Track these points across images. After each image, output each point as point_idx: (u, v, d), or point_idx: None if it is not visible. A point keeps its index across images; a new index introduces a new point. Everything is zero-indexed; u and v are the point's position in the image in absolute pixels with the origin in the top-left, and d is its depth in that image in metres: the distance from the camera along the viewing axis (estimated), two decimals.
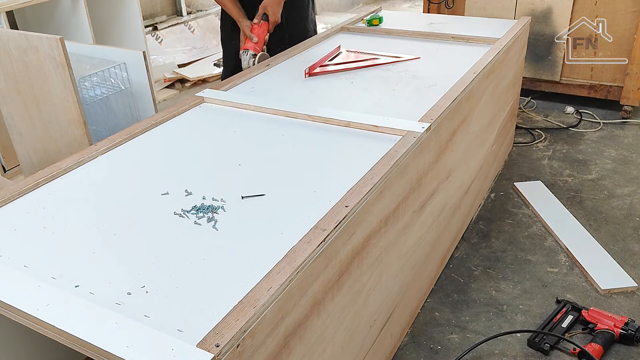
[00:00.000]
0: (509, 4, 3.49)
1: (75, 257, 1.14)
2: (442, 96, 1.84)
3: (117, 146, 1.60)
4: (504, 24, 2.72)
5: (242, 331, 0.92)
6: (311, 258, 1.10)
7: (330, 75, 2.14)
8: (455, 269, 2.19)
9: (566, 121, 3.43)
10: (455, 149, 1.96)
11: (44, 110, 2.16)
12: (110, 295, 1.02)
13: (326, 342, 1.25)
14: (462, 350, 1.80)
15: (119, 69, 2.38)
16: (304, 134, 1.66)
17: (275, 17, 2.18)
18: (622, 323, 1.81)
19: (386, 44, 2.51)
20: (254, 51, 2.10)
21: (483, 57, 2.19)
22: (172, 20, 4.79)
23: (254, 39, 2.13)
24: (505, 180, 2.80)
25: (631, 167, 2.87)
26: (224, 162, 1.51)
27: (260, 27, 2.15)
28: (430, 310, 1.99)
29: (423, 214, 1.75)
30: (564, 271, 2.15)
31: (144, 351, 0.87)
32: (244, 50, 2.11)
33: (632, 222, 2.42)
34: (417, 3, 7.00)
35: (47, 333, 0.96)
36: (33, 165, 2.39)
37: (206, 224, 1.23)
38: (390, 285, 1.60)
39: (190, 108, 1.86)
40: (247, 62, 2.08)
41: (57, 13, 3.44)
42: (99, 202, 1.34)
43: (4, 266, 1.10)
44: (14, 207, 1.32)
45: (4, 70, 2.17)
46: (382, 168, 1.40)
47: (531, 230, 2.40)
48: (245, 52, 2.09)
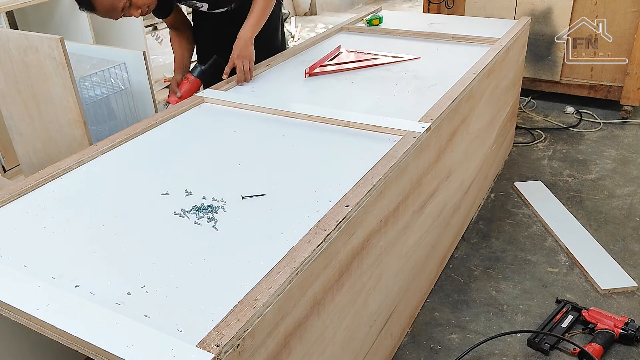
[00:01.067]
0: (509, 4, 3.49)
1: (75, 257, 1.14)
2: (442, 96, 1.84)
3: (117, 146, 1.60)
4: (504, 24, 2.72)
5: (242, 331, 0.92)
6: (311, 258, 1.10)
7: (330, 75, 2.14)
8: (455, 269, 2.19)
9: (566, 121, 3.43)
10: (455, 149, 1.96)
11: (44, 110, 2.15)
12: (110, 295, 1.02)
13: (326, 342, 1.25)
14: (462, 350, 1.80)
15: (119, 69, 2.38)
16: (304, 134, 1.66)
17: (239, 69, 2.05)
18: (622, 323, 1.81)
19: (386, 44, 2.51)
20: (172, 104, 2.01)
21: (483, 57, 2.19)
22: None
23: (177, 94, 2.08)
24: (505, 180, 2.80)
25: (631, 167, 2.87)
26: (224, 162, 1.51)
27: (188, 84, 2.10)
28: (430, 310, 1.99)
29: (423, 214, 1.75)
30: (564, 271, 2.15)
31: (144, 351, 0.87)
32: (166, 102, 2.05)
33: (632, 222, 2.42)
34: (417, 3, 7.00)
35: (47, 333, 0.96)
36: (33, 165, 2.39)
37: (206, 224, 1.23)
38: (390, 285, 1.60)
39: (190, 108, 1.86)
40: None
41: (57, 13, 3.44)
42: (99, 202, 1.34)
43: (4, 266, 1.10)
44: (14, 207, 1.32)
45: (4, 70, 2.17)
46: (382, 168, 1.40)
47: (531, 230, 2.40)
48: (166, 105, 2.04)
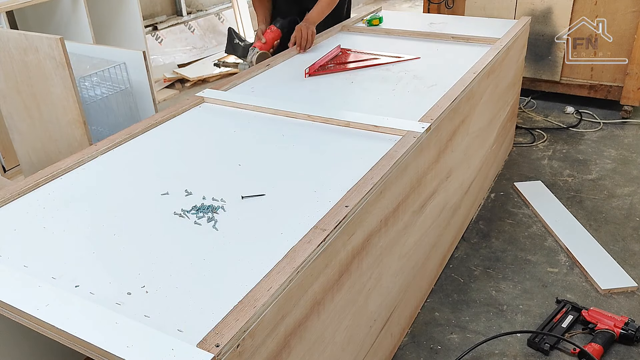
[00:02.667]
0: (509, 4, 3.49)
1: (75, 257, 1.14)
2: (442, 96, 1.84)
3: (117, 146, 1.60)
4: (504, 24, 2.72)
5: (242, 331, 0.92)
6: (311, 258, 1.10)
7: (330, 75, 2.14)
8: (455, 269, 2.19)
9: (566, 121, 3.43)
10: (455, 149, 1.96)
11: (44, 110, 2.15)
12: (110, 295, 1.02)
13: (326, 342, 1.25)
14: (462, 350, 1.80)
15: (119, 69, 2.38)
16: (304, 134, 1.66)
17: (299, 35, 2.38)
18: (622, 323, 1.81)
19: (386, 44, 2.51)
20: (259, 49, 2.40)
21: (483, 57, 2.19)
22: (172, 20, 4.79)
23: (262, 40, 2.44)
24: (505, 180, 2.80)
25: (631, 167, 2.87)
26: (224, 162, 1.51)
27: (271, 33, 2.46)
28: (430, 310, 1.99)
29: (423, 214, 1.75)
30: (564, 271, 2.15)
31: (144, 351, 0.87)
32: (252, 47, 2.43)
33: (632, 222, 2.42)
34: (417, 3, 7.00)
35: (47, 333, 0.96)
36: (33, 165, 2.39)
37: (206, 224, 1.23)
38: (390, 285, 1.60)
39: (190, 108, 1.86)
40: (251, 57, 2.39)
41: (57, 13, 3.44)
42: (99, 202, 1.34)
43: (4, 266, 1.10)
44: (14, 207, 1.32)
45: (4, 70, 2.17)
46: (382, 168, 1.40)
47: (531, 230, 2.40)
48: (253, 49, 2.41)
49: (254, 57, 2.37)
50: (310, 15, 2.46)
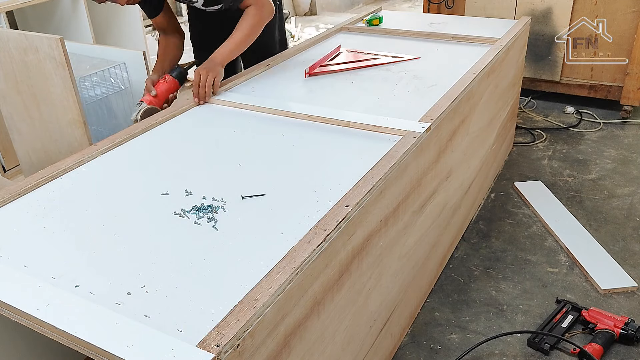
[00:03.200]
0: (509, 4, 3.49)
1: (75, 257, 1.14)
2: (442, 96, 1.84)
3: (117, 146, 1.60)
4: (504, 24, 2.72)
5: (242, 331, 0.92)
6: (311, 258, 1.10)
7: (330, 75, 2.14)
8: (455, 269, 2.19)
9: (566, 121, 3.43)
10: (455, 149, 1.96)
11: (44, 110, 2.15)
12: (110, 295, 1.02)
13: (326, 342, 1.25)
14: (462, 350, 1.80)
15: (119, 69, 2.38)
16: (304, 134, 1.66)
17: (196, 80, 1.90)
18: (622, 323, 1.81)
19: (386, 44, 2.51)
20: (147, 104, 1.97)
21: (483, 57, 2.19)
22: None
23: (152, 92, 1.99)
24: (505, 180, 2.80)
25: (631, 167, 2.87)
26: (224, 162, 1.51)
27: (165, 84, 2.02)
28: (430, 310, 1.99)
29: (423, 214, 1.75)
30: (564, 271, 2.15)
31: (144, 351, 0.87)
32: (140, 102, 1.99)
33: (632, 222, 2.42)
34: (417, 3, 7.00)
35: (47, 333, 0.96)
36: (33, 165, 2.39)
37: (206, 224, 1.23)
38: (390, 285, 1.60)
39: (190, 108, 1.86)
40: (135, 115, 1.95)
41: (57, 13, 3.44)
42: (99, 202, 1.34)
43: (4, 266, 1.10)
44: (14, 207, 1.32)
45: (4, 70, 2.17)
46: (382, 168, 1.40)
47: (531, 230, 2.40)
48: (140, 104, 1.97)
49: (138, 115, 1.93)
50: (217, 53, 1.95)
